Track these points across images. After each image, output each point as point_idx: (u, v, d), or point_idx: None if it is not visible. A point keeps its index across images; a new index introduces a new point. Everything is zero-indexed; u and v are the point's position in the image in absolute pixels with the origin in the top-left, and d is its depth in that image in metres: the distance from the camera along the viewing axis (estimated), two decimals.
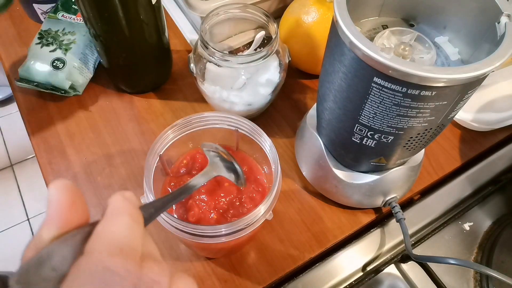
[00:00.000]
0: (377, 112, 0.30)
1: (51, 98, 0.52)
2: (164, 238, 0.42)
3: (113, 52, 0.48)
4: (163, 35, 0.49)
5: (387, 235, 0.44)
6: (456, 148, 0.51)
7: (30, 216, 1.32)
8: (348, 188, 0.42)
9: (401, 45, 0.32)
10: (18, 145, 1.47)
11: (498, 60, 0.26)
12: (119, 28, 0.44)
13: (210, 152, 0.33)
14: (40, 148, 0.48)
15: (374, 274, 0.42)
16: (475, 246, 0.45)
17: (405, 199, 0.47)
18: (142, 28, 0.45)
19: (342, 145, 0.39)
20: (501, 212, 0.47)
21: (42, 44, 0.51)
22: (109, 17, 0.42)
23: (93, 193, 0.45)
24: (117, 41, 0.46)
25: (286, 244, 0.42)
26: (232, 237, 0.31)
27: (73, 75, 0.50)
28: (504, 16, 0.29)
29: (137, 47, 0.47)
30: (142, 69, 0.51)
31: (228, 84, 0.46)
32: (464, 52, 0.34)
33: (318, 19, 0.48)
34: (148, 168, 0.34)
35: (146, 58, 0.49)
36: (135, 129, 0.50)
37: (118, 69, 0.51)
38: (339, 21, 0.28)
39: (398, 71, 0.26)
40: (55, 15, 0.53)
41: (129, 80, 0.52)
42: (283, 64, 0.47)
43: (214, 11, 0.45)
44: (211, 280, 0.40)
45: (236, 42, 0.54)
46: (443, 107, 0.29)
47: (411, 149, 0.35)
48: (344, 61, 0.30)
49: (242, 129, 0.38)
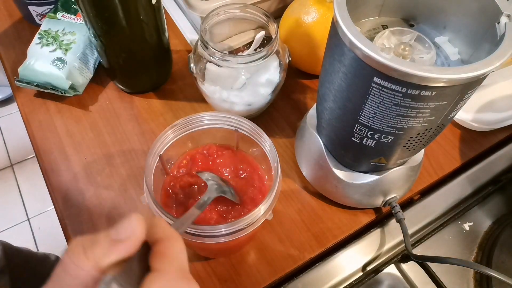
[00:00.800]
0: (377, 112, 0.30)
1: (51, 98, 0.52)
2: None
3: (113, 52, 0.48)
4: (163, 35, 0.49)
5: (387, 235, 0.44)
6: (456, 148, 0.51)
7: (30, 216, 1.32)
8: (348, 188, 0.42)
9: (401, 45, 0.32)
10: (18, 145, 1.47)
11: (498, 60, 0.26)
12: (119, 28, 0.44)
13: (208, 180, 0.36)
14: (40, 148, 0.48)
15: (374, 274, 0.42)
16: (475, 246, 0.45)
17: (405, 199, 0.47)
18: (142, 28, 0.45)
19: (342, 145, 0.39)
20: (501, 212, 0.47)
21: (42, 44, 0.51)
22: (109, 17, 0.42)
23: (93, 193, 0.45)
24: (117, 41, 0.46)
25: (286, 244, 0.42)
26: (232, 237, 0.31)
27: (73, 75, 0.50)
28: (504, 16, 0.29)
29: (137, 47, 0.47)
30: (142, 69, 0.51)
31: (228, 84, 0.46)
32: (464, 52, 0.34)
33: (318, 19, 0.48)
34: (148, 168, 0.34)
35: (146, 58, 0.49)
36: (135, 129, 0.50)
37: (118, 69, 0.51)
38: (339, 21, 0.28)
39: (398, 71, 0.26)
40: (55, 15, 0.53)
41: (129, 80, 0.52)
42: (283, 64, 0.47)
43: (214, 11, 0.45)
44: (211, 280, 0.40)
45: (236, 42, 0.54)
46: (443, 107, 0.29)
47: (411, 149, 0.35)
48: (344, 61, 0.30)
49: (242, 129, 0.38)
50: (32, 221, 1.31)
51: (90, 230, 0.42)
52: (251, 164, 0.40)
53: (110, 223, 0.43)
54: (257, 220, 0.32)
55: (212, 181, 0.36)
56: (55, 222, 0.45)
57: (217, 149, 0.40)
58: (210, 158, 0.40)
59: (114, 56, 0.48)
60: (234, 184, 0.38)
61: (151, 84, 0.54)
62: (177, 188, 0.38)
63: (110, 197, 0.45)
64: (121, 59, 0.49)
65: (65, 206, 0.44)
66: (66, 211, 0.44)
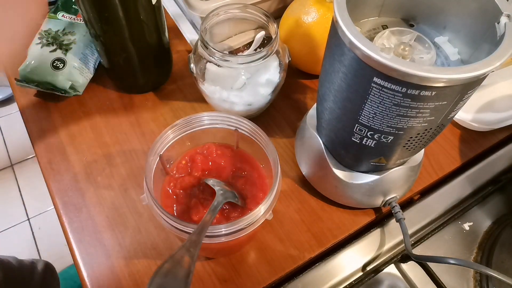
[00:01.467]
0: (377, 112, 0.30)
1: (51, 98, 0.52)
2: (164, 238, 0.42)
3: (113, 52, 0.48)
4: (163, 35, 0.49)
5: (387, 235, 0.44)
6: (456, 148, 0.51)
7: (30, 216, 1.32)
8: (348, 188, 0.42)
9: (401, 45, 0.32)
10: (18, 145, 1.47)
11: (498, 60, 0.26)
12: (119, 28, 0.44)
13: (214, 186, 0.37)
14: (40, 148, 0.48)
15: (374, 274, 0.42)
16: (475, 246, 0.45)
17: (405, 199, 0.47)
18: (142, 28, 0.45)
19: (342, 145, 0.39)
20: (501, 212, 0.47)
21: (42, 44, 0.51)
22: (109, 17, 0.42)
23: (93, 193, 0.45)
24: (117, 41, 0.46)
25: (286, 244, 0.42)
26: (232, 237, 0.31)
27: (73, 75, 0.51)
28: (504, 16, 0.29)
29: (137, 47, 0.47)
30: (142, 69, 0.51)
31: (228, 84, 0.46)
32: (464, 52, 0.34)
33: (318, 19, 0.48)
34: (148, 168, 0.34)
35: (146, 58, 0.49)
36: (135, 129, 0.50)
37: (118, 69, 0.51)
38: (339, 21, 0.28)
39: (398, 71, 0.26)
40: (55, 15, 0.53)
41: (129, 80, 0.52)
42: (283, 64, 0.47)
43: (214, 11, 0.45)
44: (211, 280, 0.40)
45: (236, 42, 0.54)
46: (443, 107, 0.29)
47: (411, 149, 0.35)
48: (344, 61, 0.30)
49: (242, 129, 0.38)
50: (32, 221, 1.31)
51: (90, 230, 0.42)
52: (251, 163, 0.40)
53: (110, 223, 0.43)
54: (257, 220, 0.32)
55: (218, 187, 0.36)
56: (55, 222, 0.45)
57: (217, 149, 0.40)
58: (209, 158, 0.40)
59: (114, 56, 0.48)
60: (234, 183, 0.39)
61: (151, 84, 0.54)
62: (178, 188, 0.38)
63: (110, 197, 0.45)
64: (121, 59, 0.49)
65: (65, 206, 0.44)
66: (66, 211, 0.44)
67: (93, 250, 0.41)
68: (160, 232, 0.42)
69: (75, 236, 0.42)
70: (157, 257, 0.41)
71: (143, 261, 0.41)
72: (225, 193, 0.36)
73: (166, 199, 0.38)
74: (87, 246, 0.41)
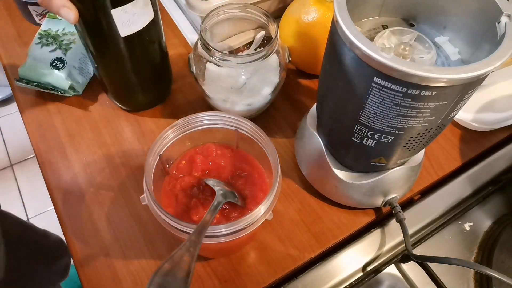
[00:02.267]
0: (377, 112, 0.30)
1: (51, 98, 0.52)
2: (164, 238, 0.42)
3: (113, 82, 0.48)
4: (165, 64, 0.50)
5: (387, 235, 0.44)
6: (456, 148, 0.51)
7: (30, 216, 1.32)
8: (348, 188, 0.42)
9: (401, 45, 0.32)
10: (18, 145, 1.47)
11: (498, 60, 0.26)
12: (122, 67, 0.44)
13: (214, 186, 0.36)
14: (40, 148, 0.48)
15: (374, 274, 0.42)
16: (475, 246, 0.45)
17: (405, 199, 0.47)
18: (148, 69, 0.47)
19: (342, 145, 0.39)
20: (501, 212, 0.47)
21: (42, 44, 0.51)
22: (113, 57, 0.43)
23: (92, 193, 0.45)
24: (119, 76, 0.46)
25: (286, 244, 0.42)
26: (232, 237, 0.31)
27: (73, 75, 0.50)
28: (504, 16, 0.29)
29: (136, 79, 0.47)
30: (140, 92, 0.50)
31: (228, 84, 0.46)
32: (464, 52, 0.34)
33: (318, 19, 0.48)
34: (148, 168, 0.34)
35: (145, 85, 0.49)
36: (135, 129, 0.50)
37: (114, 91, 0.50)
38: (339, 21, 0.28)
39: (398, 71, 0.26)
40: (55, 15, 0.53)
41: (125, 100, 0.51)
42: (283, 64, 0.47)
43: (214, 11, 0.45)
44: (211, 280, 0.40)
45: (236, 42, 0.54)
46: (443, 107, 0.29)
47: (411, 149, 0.35)
48: (344, 61, 0.30)
49: (242, 129, 0.38)
50: (32, 221, 1.31)
51: (90, 230, 0.42)
52: (251, 164, 0.40)
53: (110, 223, 0.43)
54: (257, 220, 0.32)
55: (218, 187, 0.36)
56: (55, 222, 0.45)
57: (217, 149, 0.40)
58: (209, 158, 0.40)
59: (113, 83, 0.48)
60: (234, 183, 0.39)
61: (148, 104, 0.52)
62: (177, 188, 0.38)
63: (110, 197, 0.45)
64: (117, 84, 0.48)
65: (65, 206, 0.44)
66: (66, 211, 0.44)
67: (93, 250, 0.41)
68: (160, 232, 0.42)
69: (74, 236, 0.42)
70: (157, 257, 0.41)
71: (142, 261, 0.41)
72: (225, 193, 0.36)
73: (166, 199, 0.38)
74: (87, 246, 0.41)
